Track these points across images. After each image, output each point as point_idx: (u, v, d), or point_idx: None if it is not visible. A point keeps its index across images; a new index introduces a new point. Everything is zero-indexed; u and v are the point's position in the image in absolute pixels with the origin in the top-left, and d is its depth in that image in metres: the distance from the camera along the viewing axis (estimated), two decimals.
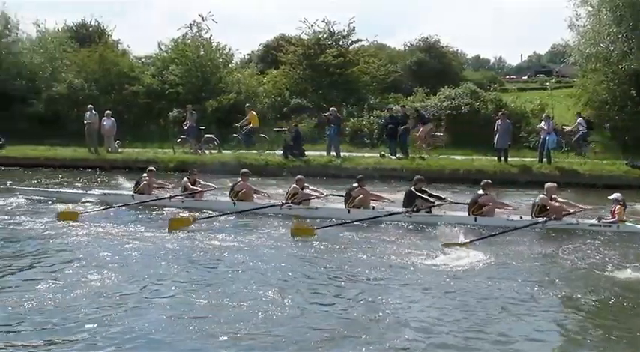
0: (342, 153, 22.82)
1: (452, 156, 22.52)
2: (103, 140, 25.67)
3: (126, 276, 9.47)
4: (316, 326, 7.57)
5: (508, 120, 21.35)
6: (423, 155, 22.66)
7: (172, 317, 7.82)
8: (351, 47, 32.31)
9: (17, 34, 35.81)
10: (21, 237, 12.13)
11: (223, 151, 24.43)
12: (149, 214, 14.77)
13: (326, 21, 31.69)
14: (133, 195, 15.88)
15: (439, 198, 14.00)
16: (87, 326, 7.50)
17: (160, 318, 7.82)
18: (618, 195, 13.04)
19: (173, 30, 69.30)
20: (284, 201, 14.52)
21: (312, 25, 31.75)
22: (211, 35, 32.52)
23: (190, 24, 32.50)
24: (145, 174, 16.27)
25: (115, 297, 8.56)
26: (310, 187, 15.31)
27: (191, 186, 15.59)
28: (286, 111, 29.50)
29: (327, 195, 15.36)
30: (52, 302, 8.24)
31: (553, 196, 13.20)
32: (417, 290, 9.06)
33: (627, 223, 12.72)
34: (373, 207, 14.22)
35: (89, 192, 16.78)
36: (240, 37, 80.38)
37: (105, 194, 16.45)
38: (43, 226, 13.00)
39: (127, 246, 11.37)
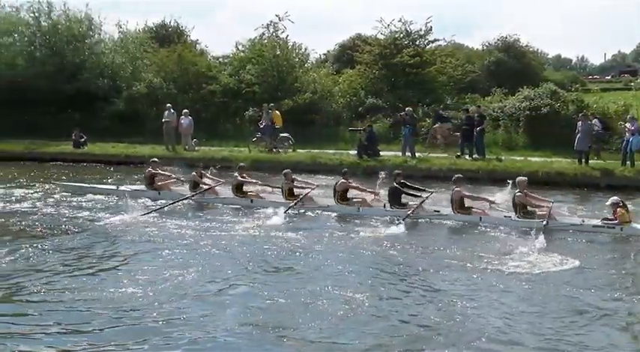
0: (417, 154, 22.74)
1: (529, 158, 22.11)
2: (180, 138, 26.36)
3: (201, 274, 9.72)
4: (395, 329, 7.64)
5: (590, 122, 20.85)
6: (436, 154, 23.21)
7: (249, 316, 7.97)
8: (427, 47, 32.13)
9: (100, 34, 37.17)
10: (88, 233, 12.70)
11: (298, 150, 24.67)
12: (206, 209, 15.48)
13: (403, 20, 31.65)
14: (159, 193, 16.63)
15: (423, 191, 14.73)
16: (163, 323, 7.73)
17: (237, 317, 7.99)
18: (616, 198, 13.01)
19: (250, 30, 70.28)
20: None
21: (388, 25, 31.76)
22: (288, 35, 33.00)
23: (267, 24, 33.08)
24: (150, 168, 17.06)
25: (191, 295, 8.80)
26: (299, 179, 16.30)
27: (204, 181, 16.53)
28: (361, 111, 29.57)
29: (317, 186, 16.09)
30: (129, 300, 8.53)
31: (526, 191, 13.47)
32: (494, 293, 9.02)
33: (633, 224, 12.66)
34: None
35: (120, 187, 17.49)
36: (317, 37, 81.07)
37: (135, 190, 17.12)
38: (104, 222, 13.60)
39: (199, 242, 11.75)
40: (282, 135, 25.21)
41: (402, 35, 31.67)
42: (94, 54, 34.98)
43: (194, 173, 16.69)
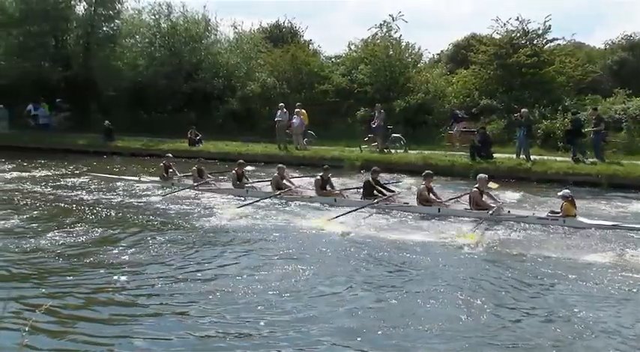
0: (532, 157, 22.34)
1: None
2: (292, 137, 26.99)
3: (312, 274, 9.95)
4: (509, 334, 7.68)
5: None
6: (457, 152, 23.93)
7: (359, 318, 8.08)
8: (545, 46, 31.37)
9: (216, 35, 38.59)
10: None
11: (410, 151, 24.76)
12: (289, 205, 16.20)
13: (520, 19, 31.06)
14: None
15: (390, 190, 16.24)
16: (264, 323, 7.91)
17: (347, 319, 8.09)
18: (566, 191, 14.02)
19: (363, 30, 70.53)
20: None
21: (505, 24, 31.27)
22: (401, 35, 33.14)
23: (380, 24, 33.28)
24: (164, 160, 19.65)
25: (298, 294, 9.03)
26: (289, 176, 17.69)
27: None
28: (475, 111, 29.29)
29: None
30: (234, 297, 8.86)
31: (485, 189, 14.68)
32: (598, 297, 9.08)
33: (579, 219, 13.55)
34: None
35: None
36: (430, 37, 79.78)
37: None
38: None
39: (299, 241, 12.16)
40: (394, 135, 25.40)
41: (518, 34, 31.08)
42: (210, 54, 36.37)
43: (195, 167, 19.04)
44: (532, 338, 7.55)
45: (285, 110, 26.89)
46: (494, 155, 22.70)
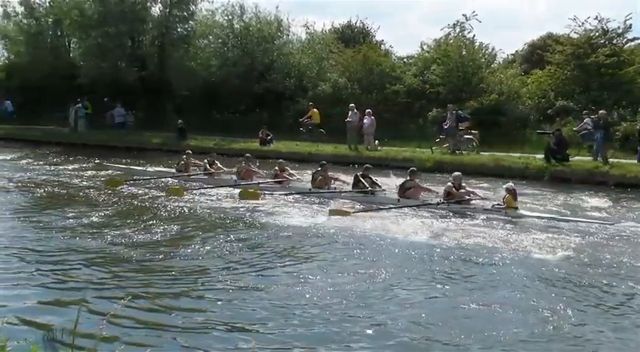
0: (609, 160, 21.84)
1: None
2: (362, 138, 27.06)
3: (385, 275, 9.90)
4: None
5: None
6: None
7: (426, 322, 7.98)
8: (626, 46, 30.59)
9: (288, 36, 39.09)
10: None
11: (482, 153, 24.56)
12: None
13: (599, 18, 30.38)
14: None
15: (378, 185, 17.18)
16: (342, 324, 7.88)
17: (414, 322, 7.98)
18: (510, 184, 15.24)
19: (436, 30, 70.29)
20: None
21: (582, 23, 30.63)
22: (474, 35, 32.87)
23: (454, 24, 33.10)
24: (184, 156, 20.99)
25: (369, 295, 9.01)
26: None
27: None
28: (550, 113, 28.81)
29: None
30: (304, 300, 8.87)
31: (462, 184, 15.74)
32: None
33: (520, 210, 14.76)
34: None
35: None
36: (505, 36, 78.58)
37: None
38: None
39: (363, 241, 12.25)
40: (466, 136, 25.23)
41: (597, 34, 30.40)
42: (282, 55, 36.87)
43: (206, 160, 20.56)
44: None
45: (355, 111, 27.02)
46: (571, 158, 22.25)
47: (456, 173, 16.16)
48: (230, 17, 38.24)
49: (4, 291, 8.96)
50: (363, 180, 17.05)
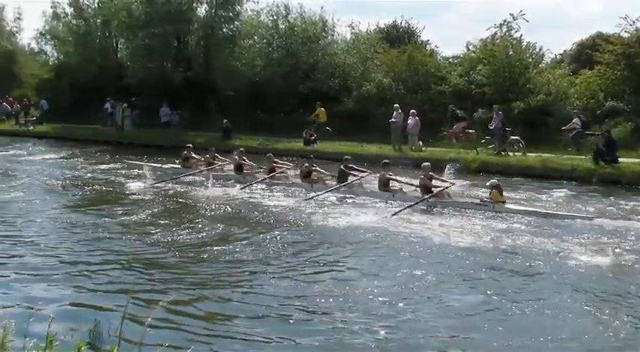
0: None
1: None
2: (407, 138, 26.96)
3: (439, 276, 9.95)
4: None
5: None
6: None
7: (477, 326, 7.94)
8: None
9: (333, 36, 39.11)
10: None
11: (528, 154, 24.25)
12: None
13: None
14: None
15: (363, 171, 18.87)
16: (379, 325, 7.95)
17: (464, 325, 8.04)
18: (494, 181, 16.05)
19: (482, 30, 69.69)
20: None
21: (634, 22, 30.02)
22: (521, 34, 32.44)
23: (500, 23, 32.74)
24: (185, 151, 22.55)
25: (406, 297, 9.00)
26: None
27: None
28: (599, 114, 28.31)
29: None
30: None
31: (430, 173, 16.75)
32: None
33: (507, 205, 15.49)
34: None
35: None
36: (553, 36, 77.49)
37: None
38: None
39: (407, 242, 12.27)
40: (512, 137, 24.96)
41: None
42: (327, 55, 36.96)
43: (208, 155, 22.14)
44: None
45: (400, 111, 26.93)
46: (620, 159, 21.83)
47: (425, 163, 17.20)
48: (275, 17, 38.50)
49: (51, 289, 9.19)
50: (350, 172, 18.57)
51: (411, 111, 26.91)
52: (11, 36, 54.87)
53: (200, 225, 13.48)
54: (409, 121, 26.72)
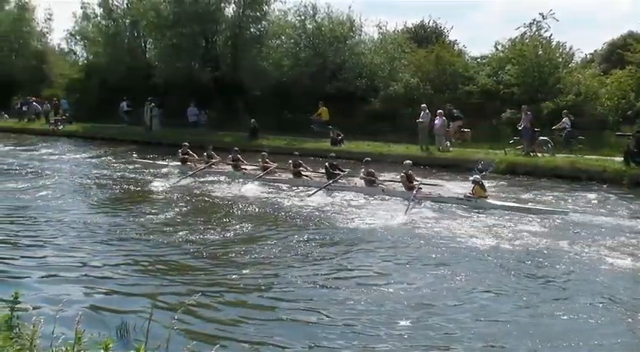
0: None
1: None
2: (434, 139, 26.83)
3: (467, 278, 9.97)
4: None
5: None
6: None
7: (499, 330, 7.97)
8: None
9: (360, 36, 39.04)
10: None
11: (557, 155, 24.01)
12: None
13: None
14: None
15: (342, 170, 20.16)
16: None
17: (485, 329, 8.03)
18: (477, 177, 16.84)
19: (511, 29, 69.05)
20: None
21: None
22: (551, 34, 32.11)
23: (530, 23, 32.44)
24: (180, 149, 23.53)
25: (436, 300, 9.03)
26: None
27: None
28: (630, 114, 27.95)
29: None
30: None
31: (410, 172, 17.95)
32: None
33: (488, 200, 16.31)
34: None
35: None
36: (583, 35, 76.62)
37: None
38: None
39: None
40: (541, 138, 24.75)
41: None
42: (354, 54, 36.82)
43: (205, 153, 23.49)
44: None
45: (427, 111, 26.84)
46: None
47: (406, 161, 18.37)
48: (302, 17, 38.44)
49: (79, 286, 9.32)
50: (334, 172, 19.57)
51: (438, 111, 26.84)
52: (42, 36, 55.47)
53: (229, 224, 13.70)
54: (436, 121, 26.62)
